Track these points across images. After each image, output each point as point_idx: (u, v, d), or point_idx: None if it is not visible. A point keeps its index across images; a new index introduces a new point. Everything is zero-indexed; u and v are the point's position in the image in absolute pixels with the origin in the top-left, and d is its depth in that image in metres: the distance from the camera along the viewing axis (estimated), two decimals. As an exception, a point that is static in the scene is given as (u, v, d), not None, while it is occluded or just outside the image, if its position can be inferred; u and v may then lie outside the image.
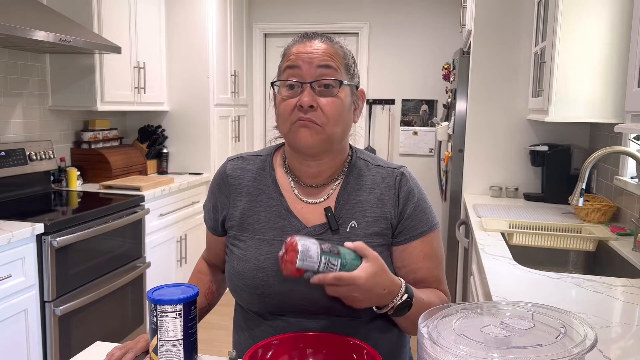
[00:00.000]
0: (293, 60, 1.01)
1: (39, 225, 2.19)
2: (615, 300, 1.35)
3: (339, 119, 1.02)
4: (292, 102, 1.00)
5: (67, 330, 2.39)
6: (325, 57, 1.01)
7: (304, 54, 1.01)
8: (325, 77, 1.00)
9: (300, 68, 1.00)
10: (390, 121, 4.50)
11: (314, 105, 0.99)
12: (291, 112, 1.00)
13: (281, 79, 1.03)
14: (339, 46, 1.05)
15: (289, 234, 1.04)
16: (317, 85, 1.00)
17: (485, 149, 3.05)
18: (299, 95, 1.00)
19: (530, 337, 0.72)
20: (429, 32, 4.36)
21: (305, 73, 1.00)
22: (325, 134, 1.00)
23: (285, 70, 1.02)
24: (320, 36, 1.05)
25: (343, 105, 1.02)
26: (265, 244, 1.06)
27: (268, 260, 1.04)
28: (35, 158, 2.89)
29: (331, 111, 1.00)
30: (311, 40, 1.03)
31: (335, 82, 1.01)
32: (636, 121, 1.48)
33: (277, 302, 1.04)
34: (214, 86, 3.86)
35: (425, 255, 1.07)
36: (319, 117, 0.99)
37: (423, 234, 1.07)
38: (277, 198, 1.09)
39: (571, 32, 2.21)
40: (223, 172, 1.15)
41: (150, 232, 3.07)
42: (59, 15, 2.69)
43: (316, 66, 1.00)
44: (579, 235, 2.09)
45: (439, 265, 1.10)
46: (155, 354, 0.93)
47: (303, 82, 1.00)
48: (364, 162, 1.13)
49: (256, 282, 1.04)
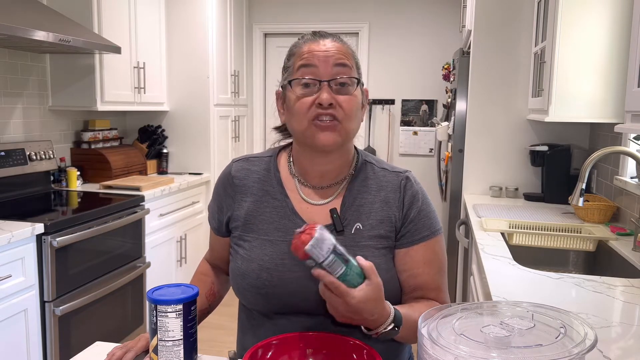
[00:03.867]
0: (308, 58, 1.01)
1: (39, 225, 2.19)
2: (615, 300, 1.35)
3: (355, 116, 1.03)
4: (308, 100, 1.00)
5: (67, 330, 2.38)
6: (341, 55, 1.02)
7: (319, 52, 1.01)
8: (342, 75, 1.01)
9: (316, 66, 1.00)
10: (390, 121, 4.50)
11: (333, 102, 0.99)
12: (308, 109, 1.00)
13: (296, 77, 1.02)
14: (349, 46, 1.06)
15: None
16: (334, 83, 1.00)
17: (485, 149, 3.04)
18: (315, 94, 1.00)
19: (530, 337, 0.72)
20: (429, 32, 4.36)
21: (322, 71, 1.00)
22: (344, 129, 1.01)
23: (300, 68, 1.02)
24: (332, 35, 1.06)
25: (358, 102, 1.04)
26: (270, 244, 1.06)
27: (272, 261, 1.04)
28: (35, 158, 2.89)
29: (349, 108, 1.01)
30: (324, 39, 1.04)
31: (352, 80, 1.02)
32: (636, 121, 1.48)
33: (280, 302, 1.04)
34: (214, 86, 3.86)
35: (426, 260, 1.07)
36: (339, 113, 1.00)
37: (425, 239, 1.07)
38: (282, 199, 1.09)
39: (571, 32, 2.21)
40: (228, 173, 1.15)
41: (150, 232, 3.07)
42: (59, 15, 2.69)
43: (333, 64, 1.00)
44: (579, 235, 2.09)
45: (440, 271, 1.10)
46: (155, 354, 0.93)
47: (320, 80, 1.00)
48: (370, 165, 1.13)
49: (260, 282, 1.04)
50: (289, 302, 1.03)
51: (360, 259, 0.91)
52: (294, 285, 1.02)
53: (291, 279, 1.03)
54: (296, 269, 1.03)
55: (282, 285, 1.03)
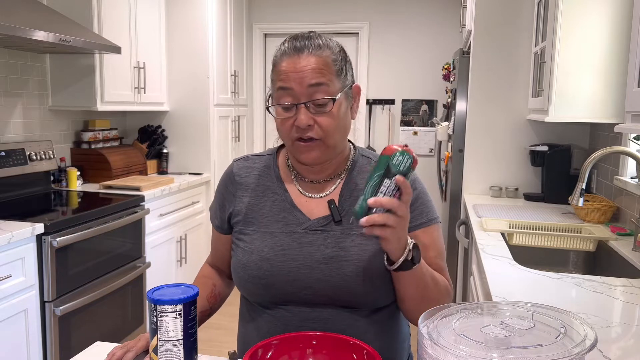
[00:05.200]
0: (284, 80, 1.02)
1: (39, 225, 2.19)
2: (615, 300, 1.35)
3: (336, 129, 1.05)
4: (289, 122, 1.03)
5: (67, 331, 2.38)
6: (316, 74, 1.01)
7: (293, 73, 1.01)
8: (317, 96, 1.01)
9: (292, 89, 1.01)
10: (390, 121, 4.50)
11: (311, 123, 1.02)
12: (290, 130, 1.04)
13: (275, 100, 1.04)
14: (328, 53, 1.03)
15: (293, 227, 1.08)
16: (311, 105, 1.02)
17: (485, 149, 3.04)
18: (294, 115, 1.02)
19: (530, 337, 0.72)
20: (429, 32, 4.36)
21: (298, 93, 1.01)
22: (325, 145, 1.05)
23: (278, 90, 1.03)
24: (307, 46, 1.03)
25: (339, 116, 1.04)
26: (270, 236, 1.09)
27: (273, 252, 1.07)
28: (35, 158, 2.89)
29: (328, 126, 1.03)
30: (299, 54, 1.02)
31: (329, 100, 1.02)
32: (636, 121, 1.48)
33: (281, 293, 1.06)
34: (214, 86, 3.86)
35: (425, 245, 1.09)
36: (317, 132, 1.03)
37: (423, 225, 1.10)
38: (281, 193, 1.12)
39: (571, 32, 2.21)
40: (230, 171, 1.19)
41: (150, 232, 3.07)
42: (59, 15, 2.69)
43: (307, 85, 1.01)
44: (579, 235, 2.09)
45: (440, 255, 1.12)
46: (155, 354, 0.93)
47: (297, 102, 1.02)
48: (366, 158, 1.16)
49: (261, 273, 1.06)
50: (290, 291, 1.05)
51: None
52: (295, 274, 1.05)
53: (291, 269, 1.05)
54: (297, 258, 1.06)
55: (282, 274, 1.05)
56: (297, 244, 1.07)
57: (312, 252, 1.05)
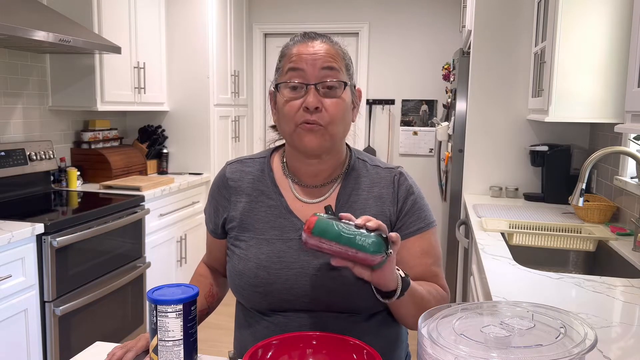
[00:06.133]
0: (296, 61, 1.02)
1: (39, 225, 2.19)
2: (615, 300, 1.35)
3: (342, 119, 1.03)
4: (296, 104, 1.01)
5: (67, 331, 2.38)
6: (329, 58, 1.02)
7: (306, 55, 1.01)
8: (329, 78, 1.01)
9: (303, 70, 1.01)
10: (390, 121, 4.50)
11: (319, 106, 1.00)
12: (295, 113, 1.01)
13: (284, 80, 1.03)
14: (339, 47, 1.06)
15: (289, 234, 1.06)
16: (321, 86, 1.01)
17: (485, 149, 3.05)
18: (303, 97, 1.01)
19: (530, 337, 0.72)
20: (429, 32, 4.36)
21: (309, 74, 1.01)
22: (329, 134, 1.02)
23: (288, 71, 1.02)
24: (321, 36, 1.05)
25: (346, 105, 1.04)
26: (266, 243, 1.07)
27: (269, 259, 1.05)
28: (35, 158, 2.89)
29: (335, 112, 1.01)
30: (312, 41, 1.04)
31: (339, 84, 1.02)
32: (636, 121, 1.48)
33: (278, 300, 1.05)
34: (214, 86, 3.86)
35: (422, 251, 1.08)
36: (323, 118, 1.01)
37: (420, 231, 1.09)
38: (276, 198, 1.10)
39: (571, 32, 2.21)
40: (223, 175, 1.16)
41: (150, 232, 3.07)
42: (59, 15, 2.69)
43: (320, 67, 1.01)
44: (579, 235, 2.09)
45: (437, 261, 1.12)
46: (155, 354, 0.93)
47: (307, 83, 1.01)
48: (362, 162, 1.15)
49: (257, 281, 1.05)
50: (286, 299, 1.04)
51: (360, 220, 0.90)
52: (292, 282, 1.03)
53: (288, 276, 1.04)
54: (294, 266, 1.04)
55: (279, 282, 1.04)
56: (293, 251, 1.05)
57: (309, 259, 1.04)
